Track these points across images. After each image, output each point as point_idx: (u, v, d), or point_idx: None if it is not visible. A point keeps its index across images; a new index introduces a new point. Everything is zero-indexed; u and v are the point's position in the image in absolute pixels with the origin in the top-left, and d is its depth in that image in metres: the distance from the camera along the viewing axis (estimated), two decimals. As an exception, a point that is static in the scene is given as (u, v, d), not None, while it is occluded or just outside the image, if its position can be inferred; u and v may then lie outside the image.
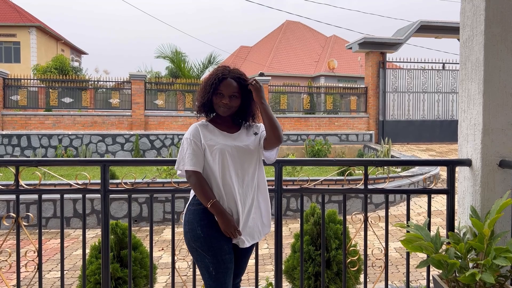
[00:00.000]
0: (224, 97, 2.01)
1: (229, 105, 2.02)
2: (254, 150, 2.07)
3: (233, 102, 2.03)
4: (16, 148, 12.03)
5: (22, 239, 2.44)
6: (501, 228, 2.27)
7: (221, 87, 2.01)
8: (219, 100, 2.02)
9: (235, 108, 2.06)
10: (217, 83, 2.02)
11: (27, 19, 28.14)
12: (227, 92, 2.01)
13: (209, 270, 1.96)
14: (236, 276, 2.14)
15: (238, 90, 2.03)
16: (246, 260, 2.18)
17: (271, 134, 2.00)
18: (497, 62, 2.28)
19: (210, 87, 2.03)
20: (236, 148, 2.02)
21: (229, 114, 2.07)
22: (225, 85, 2.01)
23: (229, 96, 2.01)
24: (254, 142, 2.09)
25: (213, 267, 1.95)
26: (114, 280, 2.96)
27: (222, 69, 2.08)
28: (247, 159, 2.04)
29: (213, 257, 1.95)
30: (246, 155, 2.04)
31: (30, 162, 2.65)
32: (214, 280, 1.96)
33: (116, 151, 12.50)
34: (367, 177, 2.46)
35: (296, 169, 8.45)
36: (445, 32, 14.37)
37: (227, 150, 2.00)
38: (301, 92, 14.97)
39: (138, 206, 6.15)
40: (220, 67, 2.11)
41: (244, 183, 2.03)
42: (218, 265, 1.95)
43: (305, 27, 34.28)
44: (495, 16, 2.27)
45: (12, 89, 13.01)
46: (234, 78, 2.05)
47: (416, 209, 6.61)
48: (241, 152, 2.03)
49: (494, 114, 2.29)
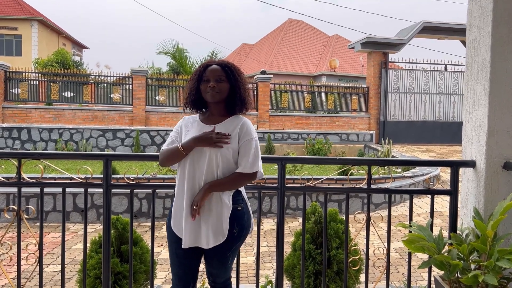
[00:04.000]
0: (210, 82, 1.98)
1: (217, 89, 1.97)
2: (224, 148, 1.95)
3: (221, 86, 1.99)
4: (17, 141, 12.02)
5: (22, 232, 2.44)
6: (504, 230, 2.26)
7: (206, 73, 2.00)
8: (206, 86, 1.99)
9: (225, 94, 2.01)
10: (202, 70, 2.03)
11: (29, 12, 28.08)
12: (213, 77, 1.99)
13: (170, 262, 2.10)
14: (215, 276, 2.12)
15: (224, 74, 2.00)
16: (213, 262, 2.07)
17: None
18: (504, 64, 2.27)
19: (195, 75, 2.05)
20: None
21: (219, 100, 2.01)
22: (210, 71, 2.00)
23: (216, 80, 1.98)
24: (229, 141, 1.98)
25: (170, 259, 2.08)
26: (114, 275, 2.96)
27: (208, 60, 2.14)
28: (203, 154, 1.96)
29: (169, 249, 2.08)
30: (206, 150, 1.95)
31: (32, 155, 2.64)
32: (172, 272, 2.08)
33: (117, 146, 12.49)
34: (371, 176, 2.45)
35: (297, 167, 8.44)
36: (448, 33, 14.34)
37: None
38: (302, 91, 14.96)
39: (138, 202, 6.15)
40: None
41: (195, 178, 1.96)
42: (172, 258, 2.06)
43: (308, 25, 34.21)
44: (502, 17, 2.26)
45: (13, 82, 12.99)
46: (219, 65, 2.04)
47: (415, 210, 6.61)
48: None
49: (500, 115, 2.28)
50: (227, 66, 2.04)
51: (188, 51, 18.28)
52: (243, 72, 2.12)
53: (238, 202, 2.03)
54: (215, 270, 2.10)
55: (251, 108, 2.10)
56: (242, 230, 2.04)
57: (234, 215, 2.00)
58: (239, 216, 2.02)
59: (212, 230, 1.95)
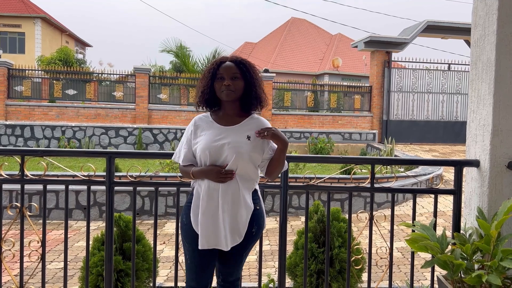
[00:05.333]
0: (225, 80, 1.90)
1: (232, 87, 1.89)
2: (244, 151, 1.89)
3: (236, 84, 1.90)
4: (20, 138, 12.05)
5: (25, 229, 2.45)
6: (508, 230, 2.25)
7: (220, 71, 1.92)
8: (221, 84, 1.91)
9: (240, 92, 1.93)
10: (215, 67, 1.94)
11: (32, 10, 28.13)
12: (227, 74, 1.90)
13: (186, 258, 2.01)
14: (227, 275, 2.08)
15: (239, 72, 1.92)
16: (229, 261, 2.03)
17: (271, 170, 1.98)
18: (509, 63, 2.26)
19: (209, 73, 1.95)
20: (220, 146, 1.89)
21: (235, 98, 1.93)
22: (225, 68, 1.92)
23: (231, 78, 1.90)
24: (249, 143, 1.91)
25: (189, 255, 1.99)
26: (116, 273, 2.96)
27: (221, 56, 2.01)
28: (230, 155, 1.88)
29: (190, 245, 1.97)
30: (231, 151, 1.88)
31: (36, 152, 2.64)
32: (188, 268, 2.00)
33: (119, 144, 12.51)
34: (374, 175, 2.45)
35: (299, 166, 8.44)
36: (452, 33, 14.28)
37: (209, 149, 1.89)
38: (305, 90, 14.94)
39: (140, 199, 6.16)
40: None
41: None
42: (193, 254, 1.97)
43: (311, 24, 34.14)
44: (508, 15, 2.24)
45: (16, 79, 13.01)
46: (234, 61, 1.96)
47: (418, 209, 6.59)
48: (225, 149, 1.89)
49: (504, 115, 2.27)
50: (242, 63, 1.95)
51: (190, 50, 18.24)
52: (258, 69, 2.05)
53: (256, 201, 2.00)
54: (229, 269, 2.06)
55: (266, 106, 2.02)
56: (260, 229, 2.02)
57: (253, 215, 1.96)
58: (258, 216, 1.99)
59: (230, 231, 1.90)
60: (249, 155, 1.90)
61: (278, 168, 1.98)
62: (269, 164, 1.99)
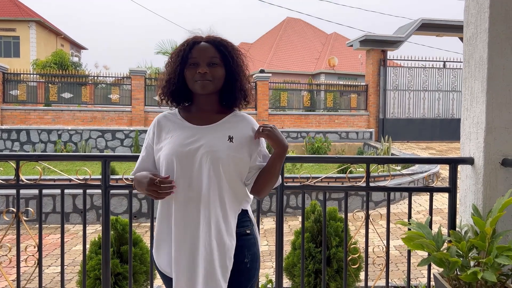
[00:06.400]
0: (199, 66, 1.43)
1: (209, 76, 1.43)
2: (224, 156, 1.41)
3: (215, 72, 1.44)
4: (16, 143, 12.01)
5: (21, 234, 2.44)
6: (503, 227, 2.26)
7: (193, 54, 1.45)
8: (194, 72, 1.43)
9: (220, 82, 1.47)
10: (187, 49, 1.45)
11: (27, 13, 28.04)
12: (203, 59, 1.44)
13: None
14: None
15: (219, 55, 1.46)
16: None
17: (262, 185, 1.51)
18: (501, 60, 2.27)
19: (177, 56, 1.46)
20: (191, 151, 1.42)
21: (213, 90, 1.46)
22: (199, 50, 1.45)
23: (207, 64, 1.44)
24: (232, 146, 1.44)
25: None
26: (114, 276, 2.96)
27: (194, 34, 1.50)
28: (205, 164, 1.40)
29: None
30: (205, 157, 1.40)
31: (31, 156, 2.64)
32: None
33: (116, 147, 12.49)
34: (369, 174, 2.45)
35: (296, 166, 8.45)
36: (447, 31, 14.35)
37: (177, 155, 1.42)
38: (301, 89, 14.97)
39: (138, 202, 6.15)
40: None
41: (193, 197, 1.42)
42: None
43: (306, 24, 34.20)
44: (499, 13, 2.26)
45: (11, 83, 12.98)
46: (211, 42, 1.48)
47: (415, 207, 6.61)
48: (198, 154, 1.41)
49: (498, 112, 2.28)
50: (222, 44, 1.48)
51: (186, 51, 18.23)
52: (243, 53, 1.57)
53: (246, 224, 1.53)
54: None
55: (252, 102, 1.57)
56: (255, 259, 1.52)
57: (244, 241, 1.49)
58: (249, 242, 1.51)
59: (203, 279, 1.38)
60: (232, 161, 1.42)
61: (270, 183, 1.50)
62: (258, 177, 1.51)
